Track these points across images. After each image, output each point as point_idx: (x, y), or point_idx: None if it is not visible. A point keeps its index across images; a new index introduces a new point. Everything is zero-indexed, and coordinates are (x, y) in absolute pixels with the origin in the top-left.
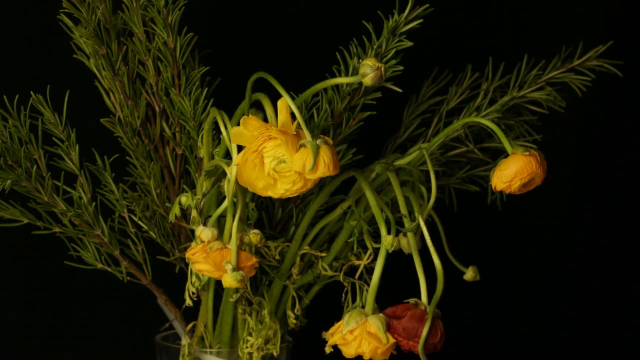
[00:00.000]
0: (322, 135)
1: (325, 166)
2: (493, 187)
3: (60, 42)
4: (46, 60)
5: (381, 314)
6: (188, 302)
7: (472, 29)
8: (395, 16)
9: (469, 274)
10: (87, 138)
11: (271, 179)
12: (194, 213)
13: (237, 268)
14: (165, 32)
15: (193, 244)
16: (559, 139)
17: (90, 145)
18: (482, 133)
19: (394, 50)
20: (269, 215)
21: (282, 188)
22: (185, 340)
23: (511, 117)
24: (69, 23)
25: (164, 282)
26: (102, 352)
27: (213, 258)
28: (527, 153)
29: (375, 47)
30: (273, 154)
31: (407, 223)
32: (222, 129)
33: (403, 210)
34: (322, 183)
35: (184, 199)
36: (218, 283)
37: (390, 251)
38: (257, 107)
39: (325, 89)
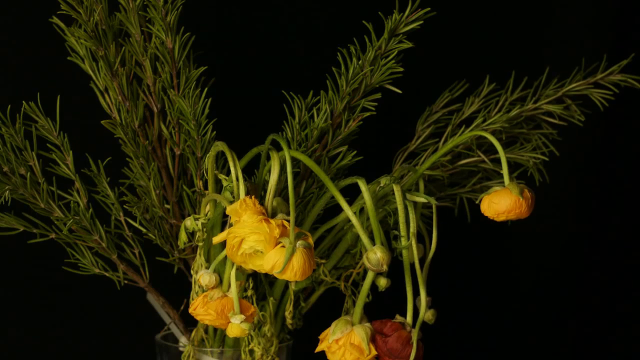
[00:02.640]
0: (306, 235)
1: (292, 273)
2: (482, 210)
3: (47, 45)
4: (35, 64)
5: (367, 325)
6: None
7: (496, 41)
8: (395, 15)
9: (427, 315)
10: (75, 142)
11: (243, 259)
12: (198, 233)
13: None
14: (164, 32)
15: (193, 290)
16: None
17: (79, 149)
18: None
19: (395, 51)
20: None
21: (251, 268)
22: (185, 341)
23: (529, 129)
24: (62, 25)
25: (161, 283)
26: (102, 352)
27: (214, 307)
28: (521, 197)
29: (375, 47)
30: (253, 245)
31: (404, 241)
32: (232, 167)
33: (402, 230)
34: (321, 184)
35: (189, 222)
36: None
37: (381, 290)
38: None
39: (326, 89)
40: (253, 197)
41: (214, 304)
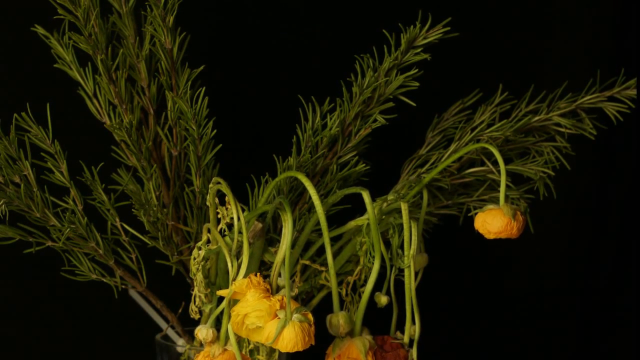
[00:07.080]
0: (305, 312)
1: (283, 344)
2: (475, 227)
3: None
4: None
5: (368, 337)
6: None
7: (514, 53)
8: (417, 27)
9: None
10: (64, 148)
11: (247, 333)
12: (195, 260)
13: None
14: (164, 33)
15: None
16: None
17: (68, 156)
18: (509, 154)
19: (414, 68)
20: (273, 218)
21: (256, 340)
22: (182, 342)
23: (542, 141)
24: (47, 33)
25: (159, 285)
26: (102, 352)
27: None
28: (513, 220)
29: (392, 58)
30: (254, 322)
31: (406, 260)
32: (235, 217)
33: (407, 249)
34: (327, 190)
35: (196, 253)
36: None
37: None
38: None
39: (334, 98)
40: (259, 274)
41: None
